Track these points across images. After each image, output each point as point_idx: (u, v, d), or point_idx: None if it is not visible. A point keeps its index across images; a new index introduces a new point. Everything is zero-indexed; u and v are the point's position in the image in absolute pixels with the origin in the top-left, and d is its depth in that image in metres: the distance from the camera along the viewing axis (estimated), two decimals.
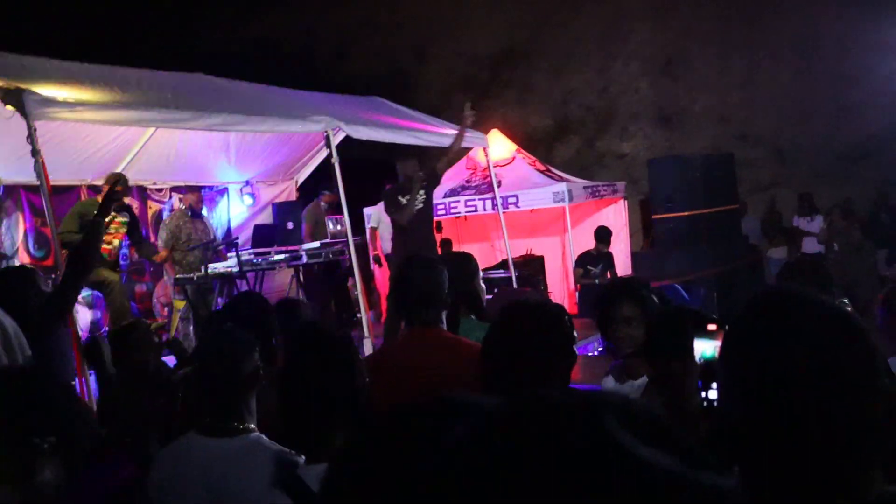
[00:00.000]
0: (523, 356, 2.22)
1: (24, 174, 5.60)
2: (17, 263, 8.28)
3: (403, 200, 7.47)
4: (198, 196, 9.25)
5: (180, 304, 8.40)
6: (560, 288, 11.90)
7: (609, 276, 10.43)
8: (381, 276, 10.92)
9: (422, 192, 7.55)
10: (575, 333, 2.36)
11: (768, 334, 1.19)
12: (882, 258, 11.50)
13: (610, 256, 10.55)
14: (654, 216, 11.54)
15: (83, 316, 8.60)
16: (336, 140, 7.86)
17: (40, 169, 5.43)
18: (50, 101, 5.59)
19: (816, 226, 12.10)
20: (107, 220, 4.53)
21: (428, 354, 2.86)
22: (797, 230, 12.44)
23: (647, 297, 3.18)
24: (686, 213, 11.04)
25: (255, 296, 4.30)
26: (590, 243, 10.61)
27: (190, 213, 9.04)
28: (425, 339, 2.93)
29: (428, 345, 2.91)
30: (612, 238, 11.50)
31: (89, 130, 7.99)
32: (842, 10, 15.15)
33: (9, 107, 5.46)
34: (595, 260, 10.37)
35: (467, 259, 3.87)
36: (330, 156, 7.64)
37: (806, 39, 15.89)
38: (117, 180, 7.30)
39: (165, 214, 9.94)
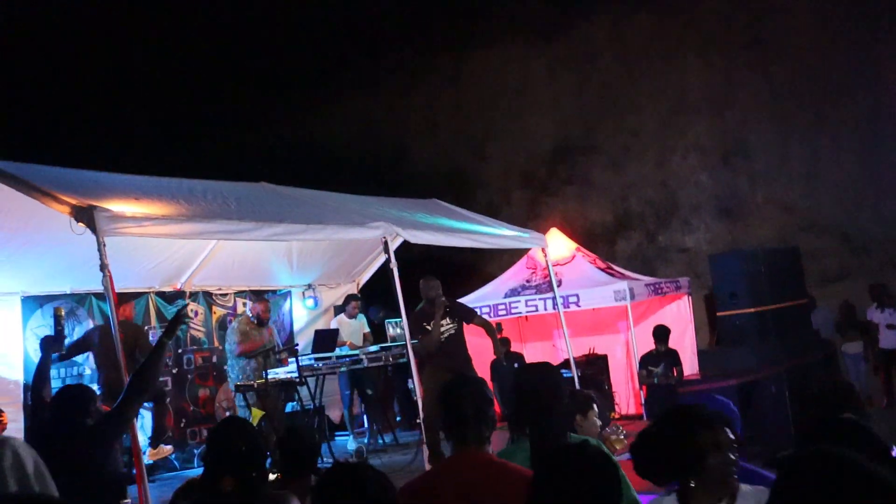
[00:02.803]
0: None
1: (95, 282, 5.77)
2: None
3: (429, 327, 7.53)
4: (265, 306, 9.39)
5: (258, 414, 8.43)
6: (625, 388, 11.65)
7: (675, 373, 10.19)
8: None
9: (454, 318, 7.63)
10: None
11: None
12: None
13: (673, 354, 10.31)
14: (719, 313, 11.28)
15: (148, 422, 8.69)
16: (394, 244, 7.95)
17: (107, 283, 5.61)
18: (118, 217, 5.80)
19: (889, 317, 11.65)
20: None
21: (472, 479, 2.82)
22: (871, 324, 11.99)
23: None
24: (752, 309, 10.76)
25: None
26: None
27: (256, 321, 9.18)
28: (468, 464, 2.88)
29: (471, 470, 2.86)
30: (677, 335, 11.29)
31: (158, 240, 8.26)
32: None
33: (80, 224, 5.68)
34: (656, 360, 10.16)
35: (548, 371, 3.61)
36: (388, 260, 7.71)
37: (868, 123, 15.69)
38: (184, 307, 7.54)
39: (229, 319, 10.13)
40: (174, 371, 9.74)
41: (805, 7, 16.65)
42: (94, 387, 7.33)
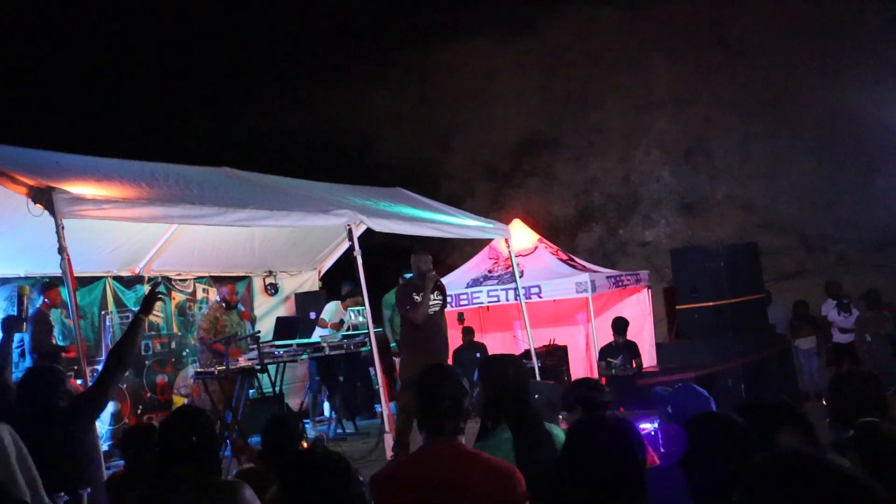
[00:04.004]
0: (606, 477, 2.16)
1: (52, 265, 5.68)
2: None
3: (417, 298, 7.49)
4: (231, 288, 9.32)
5: (180, 401, 8.37)
6: None
7: (634, 365, 10.29)
8: None
9: (438, 295, 7.62)
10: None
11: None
12: None
13: (632, 346, 10.42)
14: (678, 306, 11.43)
15: (106, 408, 8.58)
16: (358, 232, 7.93)
17: (66, 266, 5.52)
18: (78, 200, 5.71)
19: (844, 320, 11.90)
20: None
21: (448, 471, 2.81)
22: (824, 320, 12.24)
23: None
24: (710, 304, 10.93)
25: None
26: None
27: (224, 306, 9.11)
28: (445, 454, 2.88)
29: (447, 461, 2.85)
30: (637, 328, 11.41)
31: (117, 223, 8.14)
32: (863, 96, 15.25)
33: (38, 205, 5.58)
34: (615, 351, 10.26)
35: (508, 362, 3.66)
36: (352, 248, 7.69)
37: (828, 126, 15.97)
38: (158, 283, 7.44)
39: (188, 305, 10.03)
40: None
41: (768, 9, 16.90)
42: None
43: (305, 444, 4.09)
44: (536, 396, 4.55)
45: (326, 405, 10.70)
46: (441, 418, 2.89)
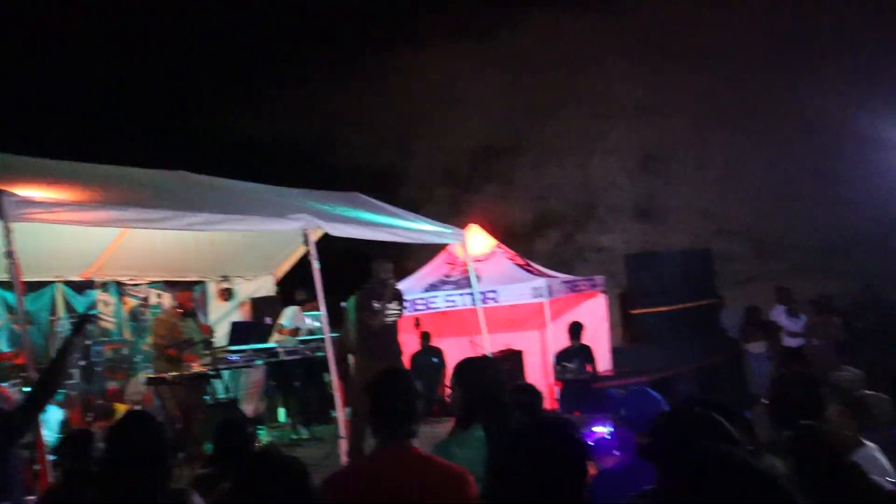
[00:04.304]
0: (542, 478, 2.17)
1: None
2: None
3: (377, 305, 7.49)
4: (188, 294, 9.07)
5: (122, 408, 8.22)
6: (540, 383, 11.76)
7: (589, 369, 10.39)
8: None
9: (398, 305, 7.63)
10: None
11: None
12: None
13: (587, 350, 10.52)
14: (633, 311, 11.57)
15: (52, 415, 8.41)
16: (315, 236, 7.89)
17: (13, 270, 5.41)
18: (27, 202, 5.59)
19: (793, 324, 12.14)
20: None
21: (400, 474, 2.83)
22: (775, 324, 12.48)
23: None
24: (665, 308, 11.08)
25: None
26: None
27: (182, 312, 8.89)
28: (397, 459, 2.89)
29: (400, 465, 2.87)
30: (593, 332, 11.50)
31: (68, 227, 7.99)
32: (817, 107, 15.58)
33: None
34: (570, 356, 10.36)
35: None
36: (308, 253, 7.65)
37: (782, 135, 16.30)
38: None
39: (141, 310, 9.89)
40: (81, 363, 9.44)
41: (724, 20, 17.20)
42: None
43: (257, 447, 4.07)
44: None
45: (282, 410, 10.61)
46: (394, 421, 2.91)
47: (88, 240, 8.80)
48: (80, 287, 9.50)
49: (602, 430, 8.37)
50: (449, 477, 2.79)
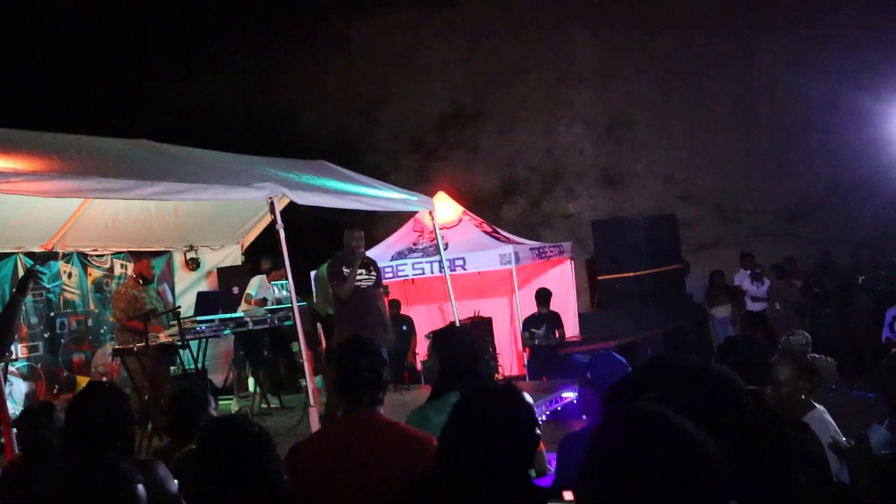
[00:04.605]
0: (488, 445, 2.18)
1: None
2: None
3: (346, 271, 7.46)
4: (146, 263, 8.96)
5: (84, 381, 8.13)
6: (508, 350, 11.91)
7: (557, 335, 10.48)
8: None
9: (371, 270, 7.60)
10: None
11: (625, 457, 1.33)
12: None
13: (555, 316, 10.60)
14: (600, 277, 11.66)
15: (18, 387, 8.33)
16: (281, 205, 7.82)
17: None
18: None
19: (756, 289, 12.33)
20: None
21: (366, 441, 2.84)
22: (738, 289, 12.67)
23: None
24: (631, 274, 11.18)
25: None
26: None
27: (142, 282, 8.78)
28: (362, 426, 2.90)
29: (366, 432, 2.87)
30: (560, 298, 11.59)
31: (27, 197, 7.84)
32: (777, 74, 15.71)
33: None
34: (538, 322, 10.44)
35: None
36: (274, 221, 7.58)
37: (744, 102, 16.41)
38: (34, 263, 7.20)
39: (105, 281, 9.77)
40: (46, 335, 9.34)
41: None
42: None
43: (214, 413, 4.06)
44: None
45: (251, 380, 10.59)
46: (360, 389, 2.90)
47: (50, 210, 8.65)
48: (43, 259, 9.35)
49: (569, 394, 8.49)
50: (414, 443, 2.80)
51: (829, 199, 15.28)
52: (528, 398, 2.31)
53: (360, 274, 7.58)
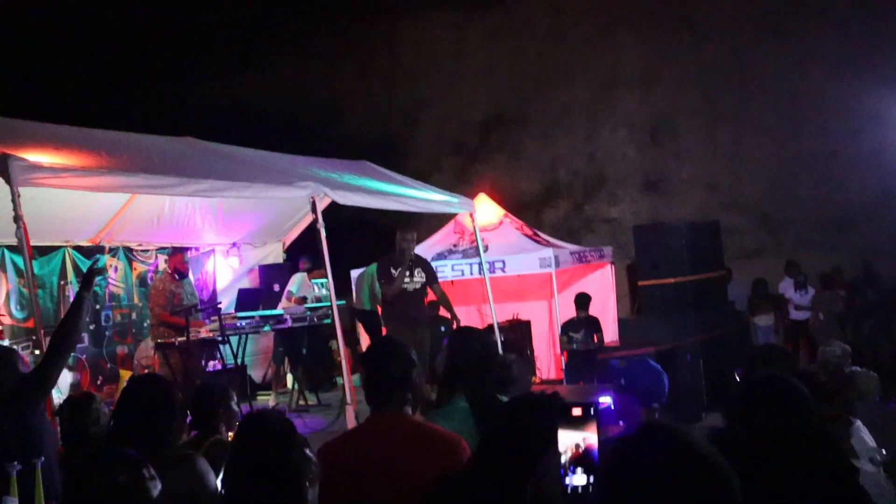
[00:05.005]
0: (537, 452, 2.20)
1: (8, 235, 5.58)
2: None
3: (394, 272, 7.53)
4: (181, 257, 9.10)
5: (126, 375, 8.30)
6: (546, 353, 11.86)
7: (595, 340, 10.42)
8: None
9: (419, 273, 7.66)
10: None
11: (641, 471, 1.33)
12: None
13: (594, 321, 10.54)
14: (640, 282, 11.55)
15: (63, 378, 8.50)
16: (323, 204, 7.89)
17: (21, 235, 5.43)
18: (35, 167, 5.61)
19: (800, 297, 12.14)
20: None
21: (394, 441, 2.86)
22: (782, 297, 12.48)
23: None
24: (672, 280, 11.04)
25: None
26: None
27: (177, 276, 8.93)
28: (390, 426, 2.92)
29: (394, 432, 2.89)
30: (600, 303, 11.52)
31: (76, 192, 8.01)
32: (826, 82, 15.45)
33: None
34: (577, 326, 10.38)
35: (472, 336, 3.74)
36: (315, 220, 7.65)
37: (790, 109, 16.17)
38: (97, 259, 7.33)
39: (150, 276, 9.95)
40: (91, 328, 9.53)
41: None
42: None
43: (235, 408, 4.12)
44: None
45: (290, 376, 10.70)
46: (387, 389, 2.92)
47: (97, 205, 8.84)
48: (90, 252, 9.54)
49: (605, 399, 8.43)
50: (441, 443, 2.82)
51: (877, 209, 14.98)
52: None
53: (407, 276, 7.66)
